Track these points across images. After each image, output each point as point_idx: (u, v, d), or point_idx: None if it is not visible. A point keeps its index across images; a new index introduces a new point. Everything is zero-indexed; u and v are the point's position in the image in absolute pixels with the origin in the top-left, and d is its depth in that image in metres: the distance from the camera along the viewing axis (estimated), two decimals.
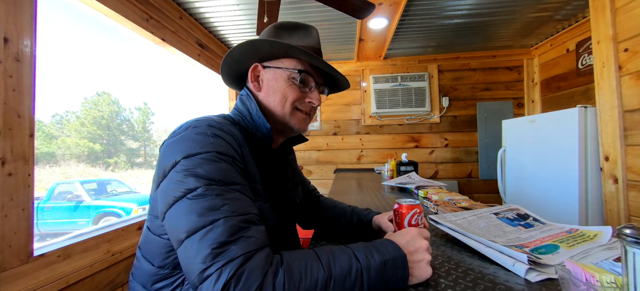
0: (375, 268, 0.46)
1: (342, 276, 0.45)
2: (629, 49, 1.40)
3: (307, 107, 0.70)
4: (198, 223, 0.44)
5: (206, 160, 0.50)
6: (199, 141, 0.52)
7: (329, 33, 2.58)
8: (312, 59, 0.66)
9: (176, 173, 0.49)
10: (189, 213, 0.45)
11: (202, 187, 0.47)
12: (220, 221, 0.44)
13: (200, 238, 0.43)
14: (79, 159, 17.92)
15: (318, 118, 3.35)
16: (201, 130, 0.53)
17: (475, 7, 2.16)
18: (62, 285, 1.14)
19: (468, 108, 3.17)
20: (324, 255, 0.47)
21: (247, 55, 0.68)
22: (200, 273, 0.41)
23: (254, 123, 0.66)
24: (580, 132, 1.70)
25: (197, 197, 0.46)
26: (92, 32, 28.71)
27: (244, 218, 0.46)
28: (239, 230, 0.45)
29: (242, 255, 0.42)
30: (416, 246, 0.51)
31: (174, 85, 31.21)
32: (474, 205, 1.00)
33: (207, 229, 0.44)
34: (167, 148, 0.54)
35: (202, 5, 2.06)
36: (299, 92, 0.68)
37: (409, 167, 2.24)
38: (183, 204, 0.47)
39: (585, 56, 2.40)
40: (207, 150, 0.51)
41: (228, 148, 0.54)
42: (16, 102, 1.00)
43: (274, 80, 0.68)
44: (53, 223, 6.05)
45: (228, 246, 0.42)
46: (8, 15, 0.99)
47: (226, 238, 0.43)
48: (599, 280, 0.35)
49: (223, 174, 0.50)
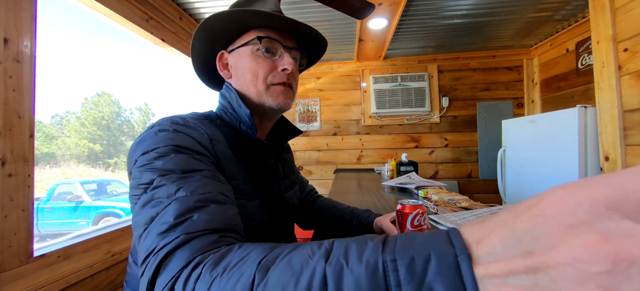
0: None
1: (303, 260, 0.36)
2: (628, 49, 1.40)
3: (282, 78, 0.62)
4: (151, 213, 0.41)
5: (164, 154, 0.47)
6: (159, 137, 0.49)
7: (329, 33, 2.58)
8: (266, 19, 0.59)
9: (136, 171, 0.47)
10: (145, 207, 0.42)
11: (157, 178, 0.44)
12: (171, 205, 0.40)
13: (151, 228, 0.39)
14: (79, 160, 17.92)
15: (318, 118, 3.35)
16: (163, 128, 0.51)
17: (475, 7, 2.16)
18: (62, 286, 1.14)
19: (468, 108, 3.17)
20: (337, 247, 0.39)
21: (207, 43, 0.64)
22: (142, 261, 0.37)
23: (236, 114, 0.62)
24: (580, 132, 1.70)
25: (154, 189, 0.43)
26: (92, 32, 28.80)
27: (202, 198, 0.42)
28: (191, 210, 0.40)
29: (181, 234, 0.37)
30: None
31: (175, 85, 31.28)
32: (474, 205, 1.00)
33: (159, 216, 0.40)
34: (131, 150, 0.52)
35: (202, 5, 2.07)
36: (269, 63, 0.61)
37: (409, 167, 2.24)
38: (141, 200, 0.44)
39: (585, 56, 2.40)
40: (165, 145, 0.48)
41: (191, 142, 0.50)
42: (16, 102, 1.00)
43: (240, 60, 0.62)
44: (53, 223, 6.04)
45: (172, 229, 0.38)
46: (8, 15, 0.99)
47: (172, 220, 0.38)
48: None
49: (181, 164, 0.46)
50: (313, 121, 3.35)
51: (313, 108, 3.35)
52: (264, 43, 0.60)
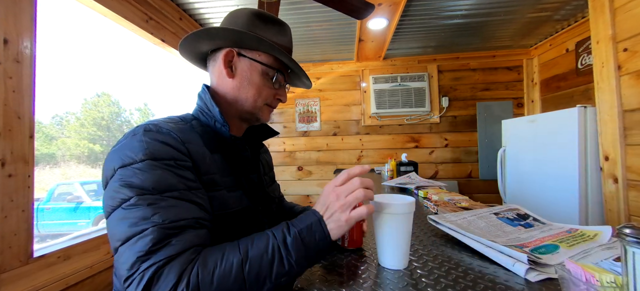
0: (291, 240, 0.49)
1: (258, 255, 0.47)
2: (628, 49, 1.40)
3: (275, 103, 0.75)
4: (129, 232, 0.47)
5: (140, 169, 0.50)
6: (135, 148, 0.52)
7: (329, 33, 2.59)
8: (292, 65, 0.71)
9: (113, 183, 0.51)
10: (122, 223, 0.47)
11: (134, 197, 0.48)
12: (149, 231, 0.46)
13: (129, 246, 0.46)
14: (79, 160, 17.91)
15: (318, 118, 3.35)
16: (138, 137, 0.54)
17: (475, 7, 2.16)
18: (62, 286, 1.14)
19: (468, 108, 3.17)
20: (244, 241, 0.50)
21: (225, 38, 0.68)
22: (126, 279, 0.45)
23: (211, 114, 0.67)
24: (580, 132, 1.70)
25: (130, 207, 0.48)
26: (92, 32, 28.79)
27: (175, 226, 0.48)
28: (166, 237, 0.46)
29: (164, 258, 0.45)
30: (327, 204, 0.53)
31: (175, 86, 31.29)
32: (474, 205, 1.00)
33: (137, 238, 0.46)
34: (108, 158, 0.55)
35: (202, 6, 2.07)
36: (272, 90, 0.72)
37: (409, 167, 2.24)
38: (118, 214, 0.49)
39: (585, 56, 2.40)
40: (141, 158, 0.51)
41: (166, 150, 0.54)
42: (16, 103, 1.00)
43: (249, 72, 0.70)
44: (53, 224, 6.04)
45: (153, 253, 0.45)
46: (8, 16, 0.99)
47: (151, 246, 0.45)
48: (599, 280, 0.35)
49: (157, 182, 0.50)
50: (313, 121, 3.35)
51: (313, 108, 3.35)
52: (277, 76, 0.71)
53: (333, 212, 0.52)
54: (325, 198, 0.54)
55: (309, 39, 2.70)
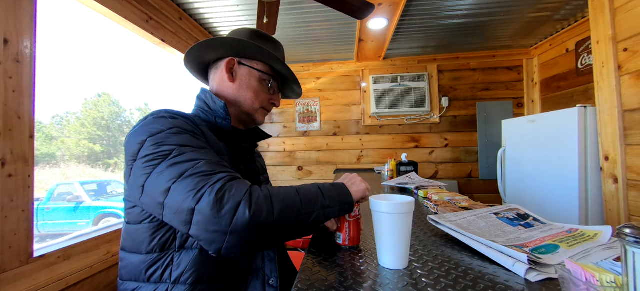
0: (328, 186, 0.63)
1: (307, 189, 0.59)
2: (628, 49, 1.40)
3: (269, 107, 0.85)
4: (181, 169, 0.51)
5: (171, 133, 0.57)
6: (160, 123, 0.59)
7: (329, 33, 2.59)
8: (286, 72, 0.81)
9: (147, 149, 0.55)
10: (168, 169, 0.52)
11: (176, 149, 0.54)
12: (201, 162, 0.52)
13: (185, 177, 0.50)
14: (79, 160, 17.90)
15: (318, 118, 3.35)
16: (160, 115, 0.61)
17: (475, 7, 2.16)
18: (62, 286, 1.13)
19: (468, 108, 3.17)
20: (294, 186, 0.61)
21: (228, 48, 0.77)
22: (193, 197, 0.48)
23: (212, 111, 0.74)
24: (580, 132, 1.70)
25: (175, 157, 0.53)
26: (92, 32, 28.81)
27: (219, 162, 0.56)
28: (218, 165, 0.54)
29: (227, 174, 0.51)
30: (350, 178, 0.70)
31: (175, 86, 31.31)
32: (474, 205, 1.00)
33: (191, 170, 0.50)
34: (131, 137, 0.59)
35: (202, 6, 2.07)
36: (267, 95, 0.83)
37: (409, 167, 2.24)
38: (162, 166, 0.52)
39: (585, 56, 2.40)
40: (169, 127, 0.58)
41: (187, 124, 0.62)
42: (16, 103, 1.00)
43: (248, 78, 0.80)
44: (53, 224, 6.04)
45: (213, 174, 0.51)
46: (8, 16, 0.99)
47: (210, 169, 0.51)
48: (599, 280, 0.35)
49: (190, 141, 0.57)
50: (313, 121, 3.35)
51: (313, 108, 3.35)
52: (273, 83, 0.82)
53: (353, 183, 0.67)
54: (346, 177, 0.70)
55: (309, 39, 2.70)
